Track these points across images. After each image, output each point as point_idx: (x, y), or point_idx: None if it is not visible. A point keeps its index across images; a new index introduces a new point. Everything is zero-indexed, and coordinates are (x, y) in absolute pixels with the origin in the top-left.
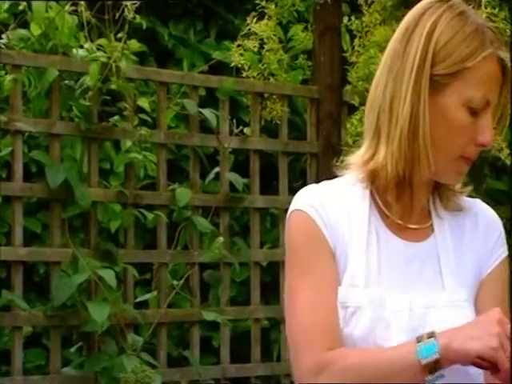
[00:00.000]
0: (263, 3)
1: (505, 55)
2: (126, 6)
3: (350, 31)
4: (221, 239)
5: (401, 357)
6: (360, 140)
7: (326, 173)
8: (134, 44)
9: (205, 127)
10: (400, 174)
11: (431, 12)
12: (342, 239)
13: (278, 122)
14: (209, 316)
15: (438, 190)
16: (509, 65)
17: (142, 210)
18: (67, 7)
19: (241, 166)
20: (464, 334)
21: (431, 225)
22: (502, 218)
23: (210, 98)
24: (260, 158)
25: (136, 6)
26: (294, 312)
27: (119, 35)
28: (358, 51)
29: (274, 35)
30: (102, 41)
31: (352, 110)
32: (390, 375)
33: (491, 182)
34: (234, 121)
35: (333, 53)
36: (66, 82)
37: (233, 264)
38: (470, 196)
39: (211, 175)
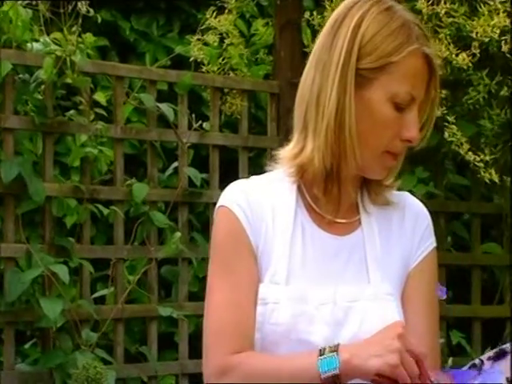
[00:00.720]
0: None
1: (430, 51)
2: None
3: (311, 26)
4: (178, 234)
5: (302, 368)
6: None
7: None
8: (90, 38)
9: (166, 122)
10: (327, 167)
11: (359, 6)
12: (265, 236)
13: (238, 117)
14: (165, 312)
15: (367, 184)
16: (435, 61)
17: (99, 206)
18: (21, 1)
19: (203, 161)
20: (365, 350)
21: (359, 219)
22: (465, 213)
23: (174, 93)
24: (220, 153)
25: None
26: (208, 311)
27: (74, 29)
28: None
29: (234, 30)
30: (57, 34)
31: None
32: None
33: (453, 177)
34: (193, 115)
35: (293, 48)
36: (21, 76)
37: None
38: (430, 193)
39: (170, 170)
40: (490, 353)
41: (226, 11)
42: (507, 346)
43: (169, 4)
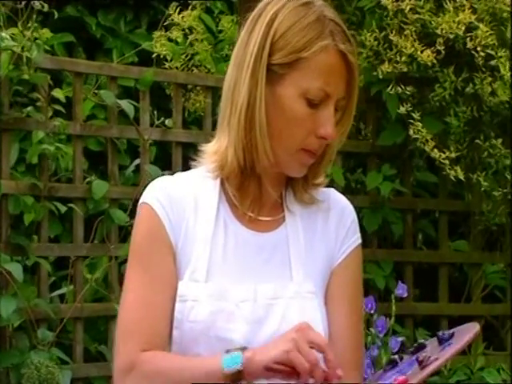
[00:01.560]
0: None
1: (347, 48)
2: None
3: None
4: None
5: (205, 366)
6: None
7: None
8: (47, 33)
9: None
10: (240, 163)
11: (275, 2)
12: (186, 233)
13: (202, 114)
14: None
15: (292, 182)
16: (352, 59)
17: (58, 204)
18: None
19: (167, 158)
20: (267, 346)
21: (283, 217)
22: (433, 210)
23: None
24: (185, 151)
25: None
26: (121, 308)
27: (30, 24)
28: None
29: (198, 26)
30: (14, 30)
31: None
32: (192, 382)
33: (421, 174)
34: (156, 112)
35: None
36: None
37: None
38: (397, 190)
39: (132, 167)
40: (411, 348)
41: (190, 7)
42: (427, 340)
43: (137, 0)
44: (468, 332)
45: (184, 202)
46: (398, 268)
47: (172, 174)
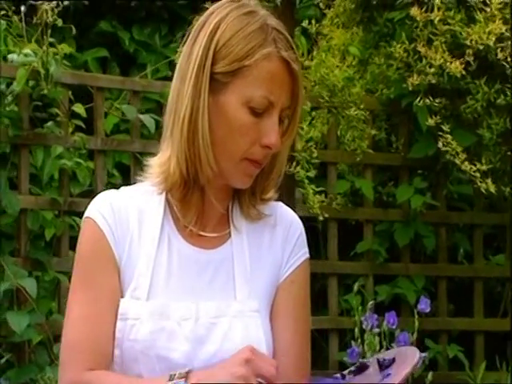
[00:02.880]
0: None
1: (290, 56)
2: (46, 10)
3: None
4: None
5: None
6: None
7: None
8: (66, 48)
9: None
10: (184, 174)
11: (219, 11)
12: (129, 249)
13: None
14: None
15: (239, 196)
16: (295, 67)
17: (77, 219)
18: None
19: None
20: (213, 377)
21: (229, 233)
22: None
23: None
24: None
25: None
26: (65, 325)
27: (51, 39)
28: (313, 55)
29: None
30: (33, 46)
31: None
32: None
33: (456, 186)
34: None
35: None
36: (1, 88)
37: None
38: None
39: None
40: (352, 367)
41: None
42: (369, 360)
43: (171, 14)
44: (407, 361)
45: (128, 217)
46: (432, 283)
47: None
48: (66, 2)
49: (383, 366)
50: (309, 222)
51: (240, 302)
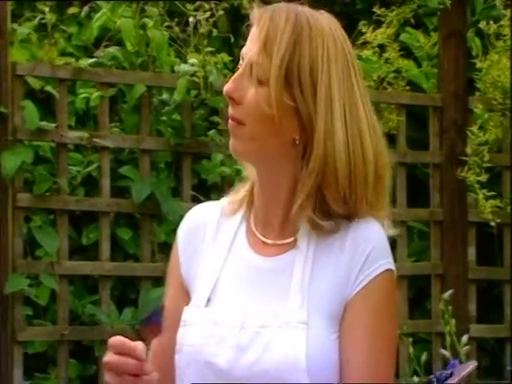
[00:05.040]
0: (379, 11)
1: (259, 6)
2: (199, 20)
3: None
4: None
5: None
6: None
7: (450, 184)
8: (225, 57)
9: None
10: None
11: None
12: (201, 261)
13: (395, 133)
14: None
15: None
16: (265, 16)
17: None
18: (153, 23)
19: None
20: None
21: (294, 241)
22: None
23: None
24: None
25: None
26: None
27: (210, 49)
28: (485, 57)
29: (391, 43)
30: (194, 55)
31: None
32: None
33: None
34: None
35: (457, 59)
36: (159, 97)
37: None
38: None
39: None
40: None
41: (385, 25)
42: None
43: (351, 20)
44: (459, 373)
45: (206, 229)
46: None
47: None
48: (220, 12)
49: (440, 380)
50: (483, 228)
51: (289, 312)
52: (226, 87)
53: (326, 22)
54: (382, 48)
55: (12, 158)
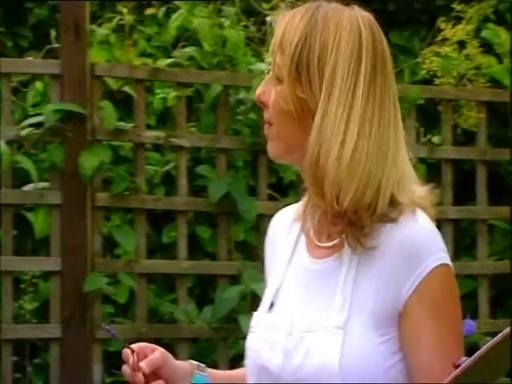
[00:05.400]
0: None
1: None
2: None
3: None
4: None
5: None
6: None
7: None
8: None
9: None
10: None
11: None
12: (274, 264)
13: (475, 130)
14: None
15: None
16: (282, 21)
17: None
18: (229, 22)
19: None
20: None
21: (342, 242)
22: None
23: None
24: (452, 168)
25: None
26: None
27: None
28: None
29: (471, 39)
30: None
31: None
32: None
33: None
34: (422, 129)
35: None
36: (239, 96)
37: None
38: None
39: None
40: None
41: (465, 21)
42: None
43: (430, 17)
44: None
45: (281, 231)
46: None
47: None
48: None
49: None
50: None
51: (329, 317)
52: (256, 92)
53: (348, 16)
54: (461, 45)
55: (91, 158)
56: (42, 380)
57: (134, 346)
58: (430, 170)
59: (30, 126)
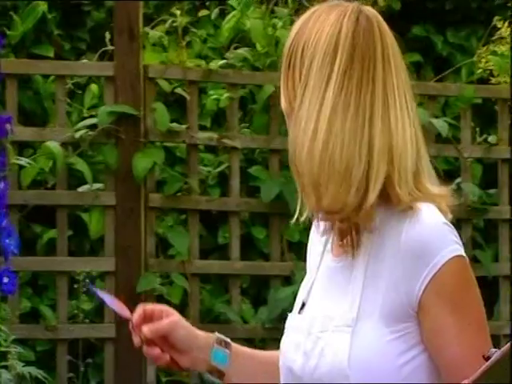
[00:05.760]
0: None
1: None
2: None
3: None
4: None
5: None
6: None
7: None
8: None
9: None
10: None
11: None
12: (311, 261)
13: None
14: None
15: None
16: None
17: None
18: (282, 23)
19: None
20: None
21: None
22: None
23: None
24: (509, 168)
25: None
26: None
27: None
28: None
29: None
30: None
31: None
32: None
33: None
34: (478, 129)
35: None
36: None
37: None
38: None
39: (452, 186)
40: None
41: None
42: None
43: (488, 16)
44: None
45: (319, 232)
46: None
47: (499, 192)
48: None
49: None
50: None
51: (340, 315)
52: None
53: (338, 11)
54: None
55: (144, 160)
56: (96, 379)
57: (149, 306)
58: (486, 170)
59: (85, 127)
